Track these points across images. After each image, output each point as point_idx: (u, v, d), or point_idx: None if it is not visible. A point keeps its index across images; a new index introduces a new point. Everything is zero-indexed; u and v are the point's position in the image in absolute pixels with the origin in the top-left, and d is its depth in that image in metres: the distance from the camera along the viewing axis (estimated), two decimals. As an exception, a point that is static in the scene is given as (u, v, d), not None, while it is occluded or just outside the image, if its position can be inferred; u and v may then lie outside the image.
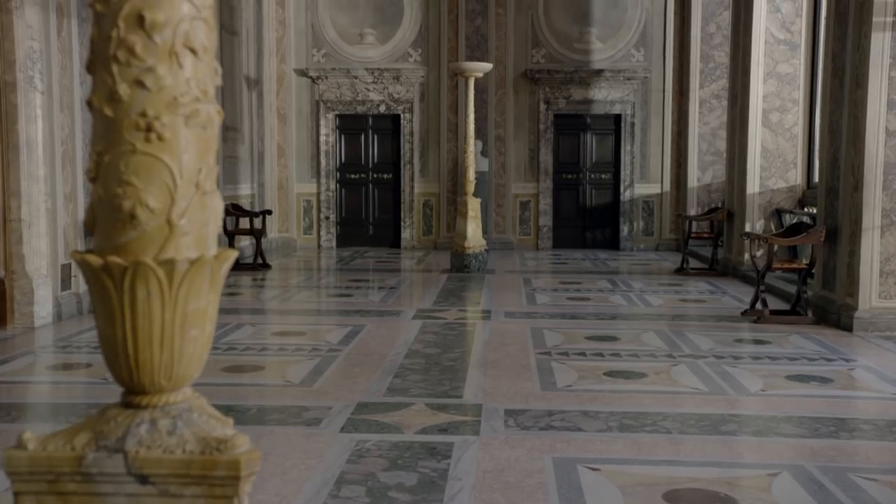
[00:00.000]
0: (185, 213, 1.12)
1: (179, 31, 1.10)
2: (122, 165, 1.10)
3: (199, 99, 1.12)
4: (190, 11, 1.11)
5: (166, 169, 1.10)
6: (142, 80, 1.09)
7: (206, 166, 1.14)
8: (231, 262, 1.20)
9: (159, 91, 1.10)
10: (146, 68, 1.09)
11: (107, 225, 1.12)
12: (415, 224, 13.89)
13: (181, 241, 1.12)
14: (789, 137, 9.70)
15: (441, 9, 13.55)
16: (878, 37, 6.40)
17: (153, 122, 1.10)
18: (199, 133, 1.13)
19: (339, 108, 13.85)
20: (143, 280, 1.10)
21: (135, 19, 1.09)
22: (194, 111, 1.12)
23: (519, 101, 13.67)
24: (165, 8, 1.09)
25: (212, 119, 1.15)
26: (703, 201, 12.93)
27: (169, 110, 1.10)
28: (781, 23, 9.64)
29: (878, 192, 6.48)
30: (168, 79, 1.10)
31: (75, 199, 7.11)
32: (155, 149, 1.10)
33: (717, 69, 12.80)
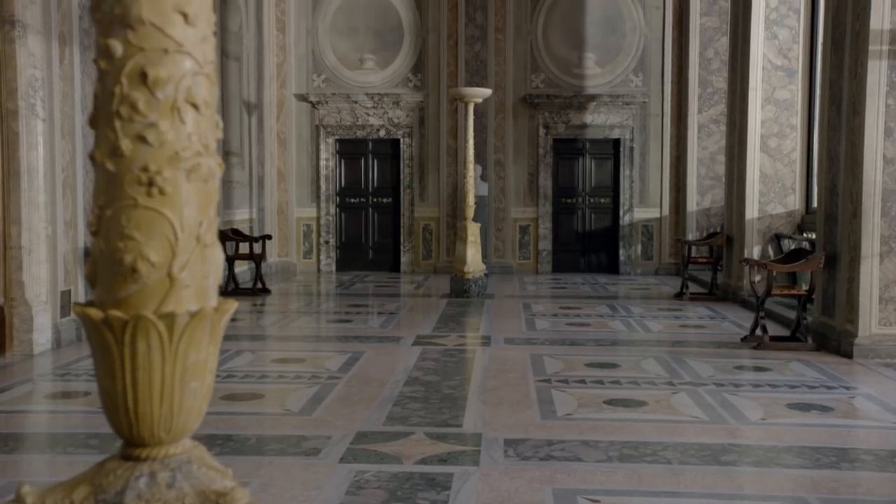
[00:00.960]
0: (186, 267, 1.13)
1: (182, 86, 1.12)
2: (123, 219, 1.11)
3: (200, 153, 1.13)
4: (192, 67, 1.12)
5: (168, 223, 1.11)
6: (144, 136, 1.10)
7: (207, 219, 1.15)
8: (231, 314, 1.21)
9: (161, 146, 1.11)
10: (148, 124, 1.11)
11: (108, 278, 1.12)
12: (414, 248, 13.91)
13: (182, 295, 1.12)
14: (788, 163, 9.73)
15: (441, 34, 13.64)
16: (875, 65, 6.44)
17: (155, 177, 1.11)
18: (201, 186, 1.14)
19: (339, 132, 13.91)
20: (143, 334, 1.10)
21: (138, 76, 1.10)
22: (196, 165, 1.13)
23: (518, 126, 13.73)
24: (168, 65, 1.11)
25: (213, 172, 1.16)
26: (702, 226, 12.95)
27: (170, 165, 1.11)
28: (779, 49, 9.70)
29: (877, 218, 6.49)
30: (170, 134, 1.11)
31: (75, 226, 7.12)
32: (156, 203, 1.11)
33: (716, 94, 12.87)
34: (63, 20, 6.93)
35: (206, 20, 1.13)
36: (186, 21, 1.11)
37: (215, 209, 1.18)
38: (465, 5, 13.51)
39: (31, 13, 6.46)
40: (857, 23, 6.62)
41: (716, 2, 12.94)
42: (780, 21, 9.69)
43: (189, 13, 1.12)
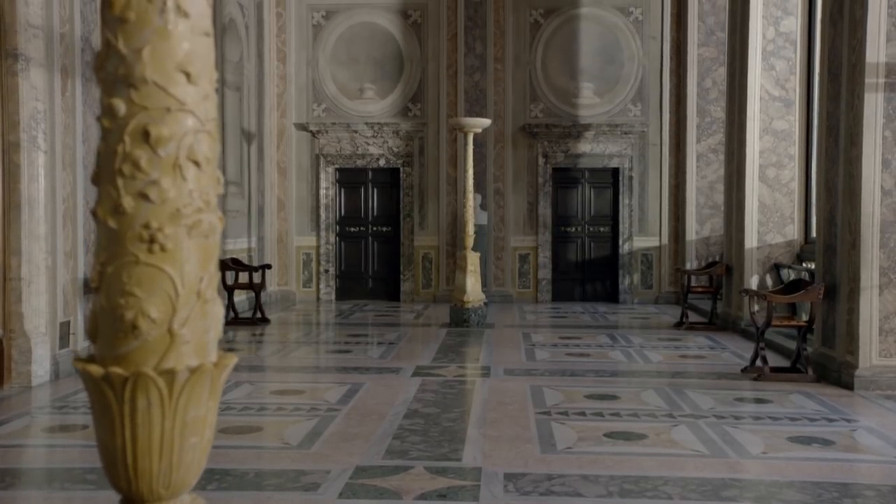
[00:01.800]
0: (187, 323, 1.13)
1: (183, 144, 1.13)
2: (125, 276, 1.12)
3: (201, 209, 1.14)
4: (194, 125, 1.14)
5: (168, 279, 1.12)
6: (146, 193, 1.12)
7: (208, 274, 1.16)
8: (231, 368, 1.21)
9: (163, 203, 1.12)
10: (150, 181, 1.12)
11: (108, 334, 1.13)
12: (414, 277, 13.91)
13: (182, 350, 1.13)
14: (786, 193, 9.76)
15: (440, 64, 13.74)
16: (871, 97, 6.49)
17: (156, 234, 1.11)
18: (202, 242, 1.15)
19: (339, 161, 13.96)
20: (143, 390, 1.11)
21: (140, 134, 1.11)
22: (196, 222, 1.14)
23: (517, 155, 13.79)
24: (170, 123, 1.12)
25: (214, 228, 1.17)
26: (701, 254, 12.97)
27: (172, 222, 1.12)
28: (776, 80, 9.77)
29: (876, 249, 6.51)
30: (171, 191, 1.12)
31: (75, 257, 7.13)
32: (157, 259, 1.12)
33: (714, 123, 12.94)
34: (66, 53, 6.98)
35: (208, 78, 1.15)
36: (189, 80, 1.13)
37: (216, 264, 1.18)
38: (464, 35, 13.63)
39: (34, 46, 6.51)
40: (854, 55, 6.68)
41: (713, 32, 13.05)
42: (777, 52, 9.77)
43: (191, 72, 1.13)
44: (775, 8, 9.76)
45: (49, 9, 6.71)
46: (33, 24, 6.49)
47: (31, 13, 6.46)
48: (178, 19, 1.12)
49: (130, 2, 1.11)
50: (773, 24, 9.77)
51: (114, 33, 1.12)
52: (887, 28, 6.43)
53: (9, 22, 6.32)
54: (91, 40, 7.31)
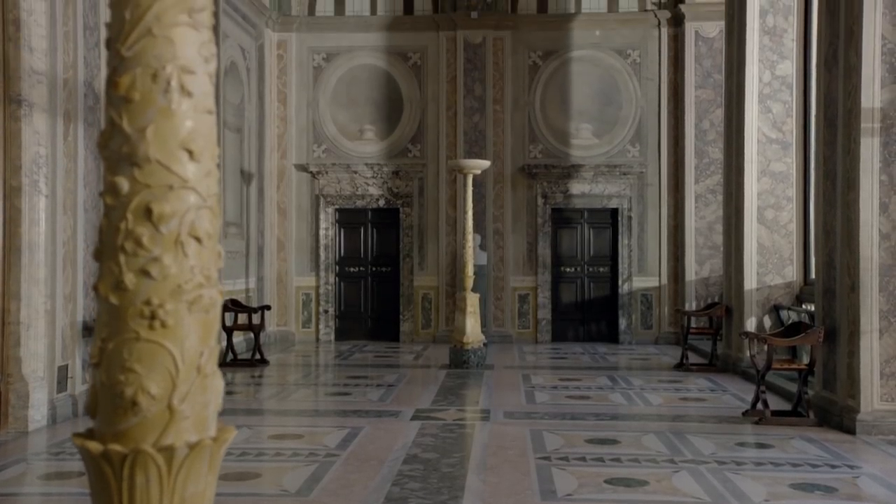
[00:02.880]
0: (186, 398, 1.13)
1: (185, 221, 1.14)
2: (125, 353, 1.12)
3: (202, 285, 1.15)
4: (196, 201, 1.15)
5: (169, 355, 1.13)
6: (148, 270, 1.13)
7: (208, 349, 1.16)
8: (230, 442, 1.21)
9: (164, 279, 1.13)
10: (152, 258, 1.13)
11: (108, 410, 1.13)
12: (414, 317, 13.88)
13: (181, 426, 1.13)
14: (785, 234, 9.79)
15: (440, 106, 13.85)
16: (867, 142, 6.54)
17: (157, 310, 1.12)
18: (202, 317, 1.16)
19: (339, 202, 14.02)
20: (142, 467, 1.11)
21: (143, 212, 1.13)
22: (197, 297, 1.15)
23: (517, 196, 13.85)
24: (172, 200, 1.13)
25: (214, 302, 1.18)
26: (701, 295, 12.96)
27: (173, 298, 1.13)
28: (773, 123, 9.85)
29: (875, 293, 6.51)
30: (173, 268, 1.13)
31: (75, 300, 7.13)
32: (158, 336, 1.13)
33: (712, 164, 13.01)
34: (69, 97, 7.05)
35: (210, 155, 1.17)
36: (191, 158, 1.15)
37: (216, 337, 1.19)
38: (463, 77, 13.76)
39: (37, 92, 6.58)
40: (849, 101, 6.74)
41: (710, 75, 13.18)
42: (774, 95, 9.86)
43: (194, 150, 1.15)
44: (771, 52, 9.87)
45: (53, 55, 6.78)
46: (37, 70, 6.56)
47: (36, 59, 6.53)
48: (181, 99, 1.14)
49: (135, 82, 1.13)
50: (769, 67, 9.88)
51: (118, 112, 1.14)
52: (881, 74, 6.50)
53: (13, 68, 6.39)
54: (94, 85, 7.38)
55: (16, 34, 6.38)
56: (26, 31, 6.45)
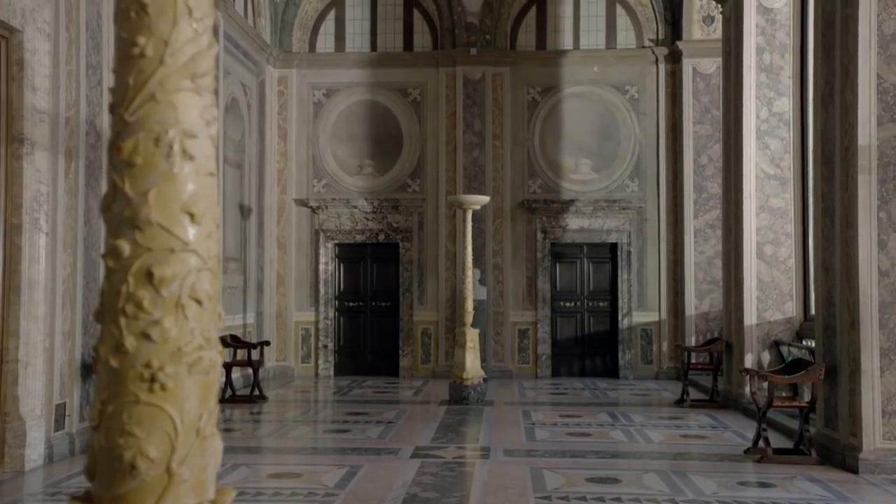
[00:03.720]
0: (185, 461, 1.13)
1: (186, 283, 1.15)
2: (124, 416, 1.12)
3: (202, 346, 1.16)
4: (197, 264, 1.15)
5: (168, 418, 1.13)
6: (148, 333, 1.13)
7: (208, 411, 1.16)
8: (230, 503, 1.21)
9: (164, 342, 1.13)
10: (153, 321, 1.13)
11: (106, 474, 1.13)
12: (413, 352, 13.84)
13: (180, 490, 1.13)
14: (784, 270, 9.80)
15: (439, 141, 13.93)
16: (865, 179, 6.57)
17: (157, 373, 1.12)
18: (202, 379, 1.16)
19: (339, 237, 14.04)
20: (140, 532, 1.10)
21: (144, 275, 1.13)
22: (197, 359, 1.15)
23: (516, 230, 13.88)
24: (173, 263, 1.14)
25: (214, 363, 1.18)
26: (701, 329, 12.94)
27: (173, 360, 1.13)
28: (771, 159, 9.90)
29: (875, 330, 6.50)
30: (173, 330, 1.14)
31: (73, 337, 7.12)
32: (158, 399, 1.13)
33: (711, 199, 13.06)
34: (70, 135, 7.09)
35: (211, 217, 1.17)
36: (193, 220, 1.15)
37: (216, 399, 1.19)
38: (463, 113, 13.85)
39: (39, 130, 6.62)
40: (846, 138, 6.79)
41: (708, 110, 13.27)
42: (771, 132, 9.92)
43: (195, 213, 1.15)
44: (768, 89, 9.95)
45: (55, 94, 6.84)
46: (40, 108, 6.61)
47: (38, 98, 6.59)
48: (183, 163, 1.15)
49: (138, 147, 1.14)
50: (766, 104, 9.95)
51: (121, 176, 1.15)
52: (877, 112, 6.55)
53: (16, 107, 6.44)
54: (95, 123, 7.43)
55: (19, 74, 6.44)
56: (30, 71, 6.50)
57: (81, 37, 7.17)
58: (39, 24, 6.61)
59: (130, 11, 1.15)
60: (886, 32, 6.54)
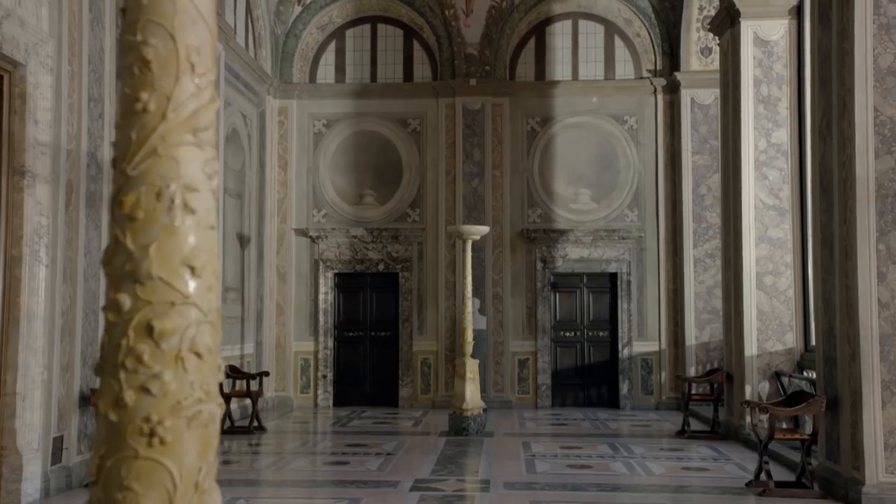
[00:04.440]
0: (184, 516, 1.13)
1: (186, 336, 1.15)
2: (123, 471, 1.12)
3: (201, 400, 1.15)
4: (197, 317, 1.16)
5: (167, 473, 1.12)
6: (147, 387, 1.13)
7: (207, 464, 1.16)
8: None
9: (164, 396, 1.13)
10: (152, 375, 1.13)
11: (105, 529, 1.12)
12: (413, 382, 13.79)
13: (178, 545, 1.12)
14: (784, 300, 9.79)
15: (439, 171, 13.98)
16: (863, 211, 6.58)
17: (156, 427, 1.12)
18: (201, 432, 1.15)
19: (339, 266, 14.04)
20: (138, 589, 1.09)
21: (144, 328, 1.13)
22: (197, 413, 1.15)
23: (516, 260, 13.88)
24: (174, 316, 1.14)
25: (213, 416, 1.17)
26: (701, 359, 12.90)
27: (172, 414, 1.13)
28: (769, 189, 9.93)
29: (876, 362, 6.48)
30: (173, 384, 1.13)
31: (72, 370, 7.09)
32: (157, 453, 1.12)
33: (710, 229, 13.08)
34: (72, 168, 7.12)
35: (211, 270, 1.18)
36: (193, 274, 1.16)
37: (215, 452, 1.19)
38: (462, 143, 13.92)
39: (41, 163, 6.65)
40: (844, 170, 6.81)
41: (706, 141, 13.34)
42: (770, 162, 9.96)
43: (196, 266, 1.16)
44: (766, 120, 10.00)
45: (57, 126, 6.87)
46: (41, 141, 6.64)
47: (40, 131, 6.62)
48: (184, 216, 1.15)
49: (139, 201, 1.15)
50: (764, 135, 10.00)
51: (122, 230, 1.15)
52: (875, 145, 6.58)
53: (18, 140, 6.47)
54: (97, 155, 7.46)
55: (21, 107, 6.48)
56: (32, 104, 6.55)
57: (83, 69, 7.22)
58: (42, 58, 6.66)
59: (134, 67, 1.16)
60: (882, 66, 6.59)
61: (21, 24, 6.40)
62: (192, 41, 1.18)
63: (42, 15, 6.71)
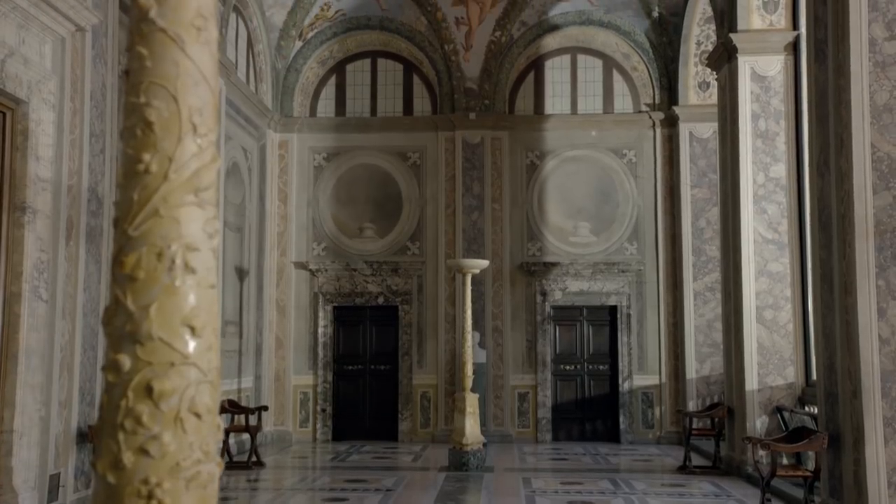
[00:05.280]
0: (182, 579, 1.12)
1: (185, 397, 1.14)
2: (121, 534, 1.11)
3: (200, 460, 1.15)
4: (196, 377, 1.15)
5: (165, 536, 1.11)
6: (146, 448, 1.12)
7: (205, 526, 1.15)
8: None
9: (163, 457, 1.12)
10: (152, 436, 1.13)
11: (102, 593, 1.11)
12: (412, 416, 13.71)
13: None
14: (784, 335, 9.77)
15: (439, 204, 14.01)
16: (862, 247, 6.59)
17: (155, 489, 1.11)
18: (200, 493, 1.15)
19: (338, 299, 14.02)
20: None
21: (144, 389, 1.13)
22: (196, 473, 1.14)
23: (516, 293, 13.87)
24: (173, 377, 1.14)
25: (213, 477, 1.17)
26: (702, 393, 12.84)
27: (171, 476, 1.12)
28: (768, 223, 9.95)
29: (878, 399, 6.45)
30: (172, 445, 1.13)
31: (70, 406, 7.06)
32: (155, 516, 1.12)
33: (710, 262, 13.08)
34: (72, 203, 7.13)
35: (212, 329, 1.18)
36: (193, 334, 1.16)
37: (214, 512, 1.18)
38: (462, 176, 13.96)
39: (42, 199, 6.67)
40: (842, 206, 6.83)
41: (705, 174, 13.39)
42: (768, 197, 9.99)
43: (196, 326, 1.16)
44: (764, 154, 10.05)
45: (59, 162, 6.90)
46: (42, 177, 6.67)
47: (42, 168, 6.65)
48: (185, 276, 1.16)
49: (140, 261, 1.15)
50: (762, 169, 10.04)
51: (123, 291, 1.15)
52: (873, 181, 6.60)
53: (19, 176, 6.50)
54: (97, 191, 7.48)
55: (23, 143, 6.51)
56: (34, 141, 6.58)
57: (85, 106, 7.27)
58: (45, 94, 6.71)
59: (137, 129, 1.17)
60: (879, 103, 6.64)
61: (24, 62, 6.45)
62: (195, 102, 1.19)
63: (45, 52, 6.77)
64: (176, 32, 1.19)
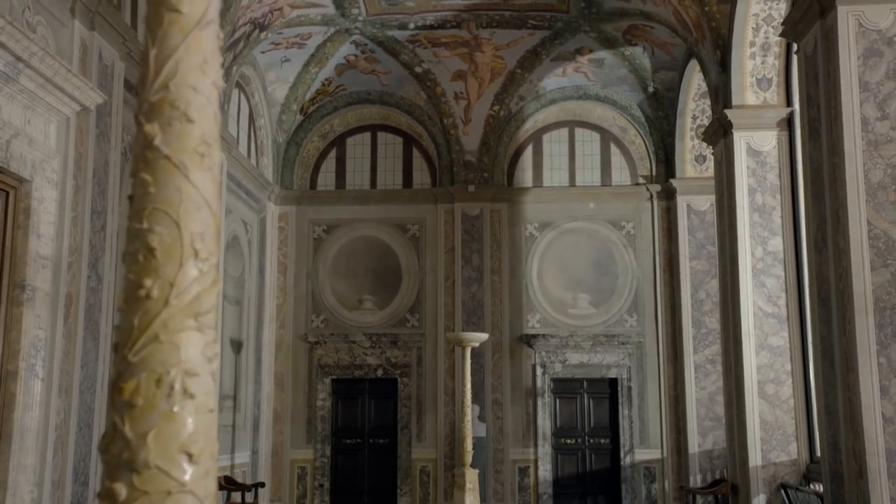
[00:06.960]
0: None
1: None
2: None
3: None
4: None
5: None
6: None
7: None
8: None
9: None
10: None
11: None
12: (412, 491, 13.49)
13: None
14: (787, 410, 9.68)
15: (438, 276, 14.03)
16: (862, 324, 6.58)
17: None
18: None
19: (337, 372, 13.93)
20: None
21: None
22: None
23: (515, 365, 13.79)
24: (170, 507, 1.13)
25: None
26: (705, 468, 12.66)
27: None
28: (768, 297, 9.95)
29: (884, 480, 6.36)
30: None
31: (63, 487, 6.94)
32: None
33: (710, 334, 13.03)
34: (72, 280, 7.14)
35: (209, 454, 1.17)
36: (191, 460, 1.15)
37: None
38: (461, 249, 14.01)
39: (41, 276, 6.67)
40: (841, 283, 6.84)
41: (703, 246, 13.43)
42: (767, 270, 10.01)
43: (194, 452, 1.15)
44: (761, 228, 10.10)
45: (60, 240, 6.93)
46: (43, 255, 6.69)
47: (42, 245, 6.67)
48: (184, 401, 1.15)
49: (139, 387, 1.15)
50: (760, 243, 10.08)
51: (121, 417, 1.15)
52: (870, 258, 6.63)
53: (20, 254, 6.52)
54: (97, 267, 7.50)
55: (25, 222, 6.55)
56: (35, 219, 6.62)
57: (88, 183, 7.33)
58: (48, 173, 6.78)
59: (139, 254, 1.18)
60: (873, 181, 6.71)
61: (29, 142, 6.54)
62: (197, 228, 1.21)
63: (50, 132, 6.86)
64: (180, 159, 1.21)
